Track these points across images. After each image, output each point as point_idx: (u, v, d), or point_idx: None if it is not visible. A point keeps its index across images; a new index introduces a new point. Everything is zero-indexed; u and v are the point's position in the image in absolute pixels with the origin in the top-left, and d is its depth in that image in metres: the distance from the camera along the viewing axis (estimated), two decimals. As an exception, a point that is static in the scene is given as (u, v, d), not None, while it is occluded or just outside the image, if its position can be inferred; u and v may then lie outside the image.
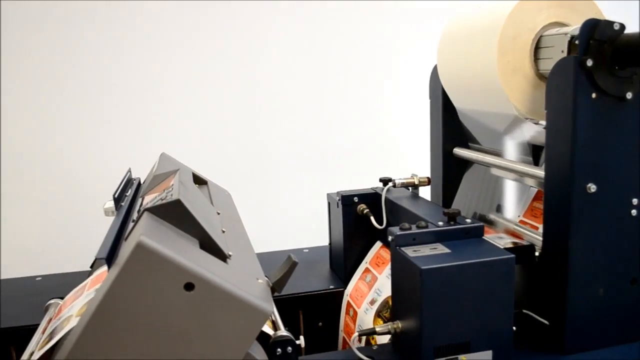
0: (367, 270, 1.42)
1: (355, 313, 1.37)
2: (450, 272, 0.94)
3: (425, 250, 1.00)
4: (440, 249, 1.00)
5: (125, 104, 2.31)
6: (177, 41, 2.32)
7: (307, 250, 1.71)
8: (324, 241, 1.65)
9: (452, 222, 1.07)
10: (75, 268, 1.59)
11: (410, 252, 0.99)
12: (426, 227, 1.05)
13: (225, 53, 2.37)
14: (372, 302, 1.33)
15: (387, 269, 1.35)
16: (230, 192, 1.47)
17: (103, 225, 1.48)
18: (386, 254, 1.39)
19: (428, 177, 1.39)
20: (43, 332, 1.08)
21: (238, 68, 2.39)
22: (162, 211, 0.85)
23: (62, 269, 1.65)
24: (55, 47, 2.23)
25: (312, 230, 1.92)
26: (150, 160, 1.49)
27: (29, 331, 1.17)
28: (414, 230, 1.04)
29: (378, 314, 1.29)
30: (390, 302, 1.27)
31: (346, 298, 1.44)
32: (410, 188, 1.39)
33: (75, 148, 2.28)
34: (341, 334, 1.46)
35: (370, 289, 1.36)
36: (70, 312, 1.03)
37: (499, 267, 0.96)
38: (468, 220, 1.08)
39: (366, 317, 1.32)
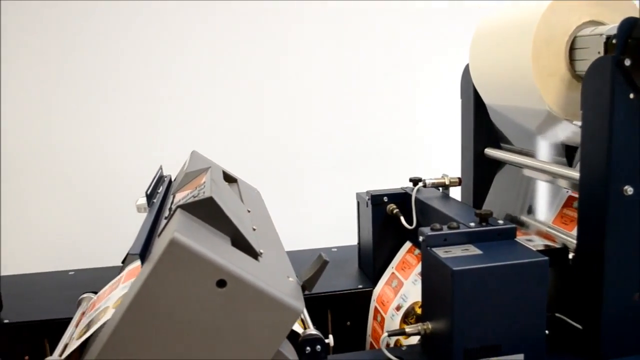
0: (393, 275, 1.41)
1: (383, 319, 1.36)
2: (482, 273, 0.93)
3: (456, 251, 0.99)
4: (472, 250, 0.99)
5: (157, 103, 2.33)
6: (209, 40, 2.34)
7: (335, 250, 1.71)
8: (352, 240, 1.65)
9: (484, 223, 1.06)
10: (107, 263, 1.61)
11: (441, 252, 0.98)
12: (458, 227, 1.04)
13: (257, 52, 2.37)
14: (398, 308, 1.32)
15: (413, 275, 1.34)
16: (259, 191, 1.48)
17: (134, 222, 1.50)
18: (412, 259, 1.39)
19: (459, 178, 1.38)
20: (76, 326, 1.10)
21: (268, 67, 2.39)
22: (194, 208, 0.85)
23: (94, 264, 1.67)
24: (90, 45, 2.26)
25: (340, 230, 1.91)
26: (180, 158, 1.51)
27: (62, 324, 1.19)
28: (445, 230, 1.03)
29: (404, 320, 1.28)
30: (416, 308, 1.26)
31: (373, 303, 1.44)
32: (440, 188, 1.38)
33: (108, 145, 2.31)
34: (369, 339, 1.45)
35: (396, 294, 1.35)
36: (107, 304, 1.04)
37: (532, 270, 0.95)
38: (500, 222, 1.07)
39: (392, 324, 1.31)
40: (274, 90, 2.41)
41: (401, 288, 1.34)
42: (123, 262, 1.47)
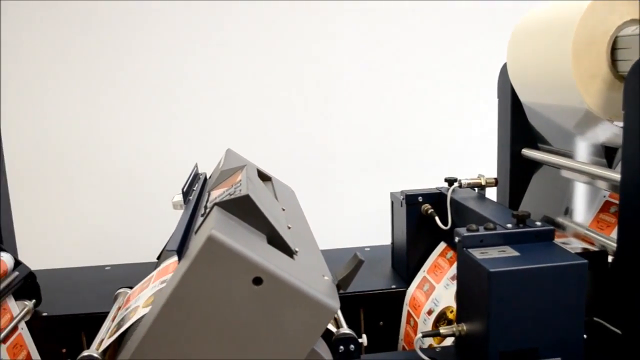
0: (424, 279, 1.41)
1: (416, 323, 1.36)
2: (519, 275, 0.91)
3: (493, 252, 0.98)
4: (509, 251, 0.98)
5: (192, 101, 2.35)
6: (245, 38, 2.35)
7: (368, 249, 1.71)
8: (386, 240, 1.64)
9: (521, 225, 1.04)
10: (142, 259, 1.63)
11: (477, 254, 0.97)
12: (494, 229, 1.03)
13: (291, 51, 2.38)
14: (430, 313, 1.31)
15: (445, 279, 1.33)
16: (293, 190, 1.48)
17: (169, 219, 1.52)
18: (444, 263, 1.37)
19: (495, 178, 1.36)
20: (113, 320, 1.11)
21: (302, 65, 2.39)
22: (231, 206, 0.86)
23: (130, 259, 1.69)
24: (127, 43, 2.30)
25: (373, 229, 1.91)
26: (215, 156, 1.52)
27: (99, 318, 1.21)
28: (482, 231, 1.02)
29: (436, 325, 1.27)
30: (448, 313, 1.25)
31: (406, 307, 1.43)
32: (476, 189, 1.36)
33: (145, 143, 2.35)
34: (401, 343, 1.44)
35: (428, 298, 1.34)
36: (137, 303, 1.05)
37: (570, 273, 0.93)
38: (538, 223, 1.05)
39: (425, 327, 1.31)
40: (308, 89, 2.42)
41: (433, 292, 1.33)
42: (158, 258, 1.49)
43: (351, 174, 2.46)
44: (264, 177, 1.36)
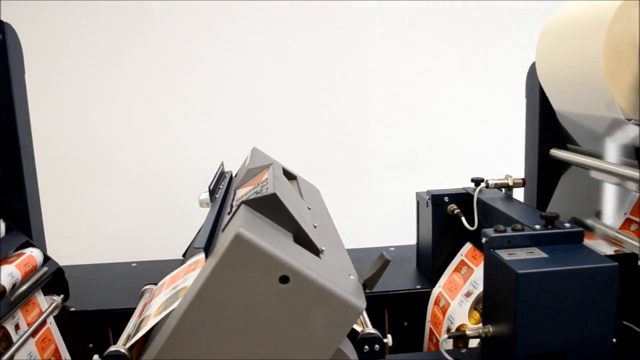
0: (462, 262, 1.39)
1: (447, 304, 1.34)
2: (548, 277, 0.90)
3: (521, 253, 0.96)
4: (537, 253, 0.97)
5: (218, 100, 2.37)
6: (272, 38, 2.36)
7: (393, 249, 1.70)
8: (410, 240, 1.64)
9: (549, 226, 1.03)
10: (168, 256, 1.65)
11: (505, 255, 0.96)
12: (522, 230, 1.01)
13: (316, 50, 2.38)
14: (468, 295, 1.30)
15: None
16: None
17: (194, 216, 1.53)
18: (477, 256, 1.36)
19: (523, 179, 1.34)
20: (139, 316, 1.12)
21: (329, 65, 2.39)
22: (258, 204, 0.86)
23: (156, 256, 1.71)
24: (153, 43, 2.32)
25: (397, 229, 1.90)
26: (240, 154, 1.53)
27: (125, 314, 1.22)
28: (509, 232, 1.01)
29: (474, 307, 1.26)
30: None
31: (438, 289, 1.42)
32: (503, 189, 1.35)
33: (171, 142, 2.37)
34: (428, 325, 1.43)
35: (466, 281, 1.33)
36: (149, 311, 1.06)
37: (600, 275, 0.92)
38: (567, 225, 1.04)
39: (460, 310, 1.29)
40: (334, 89, 2.41)
41: (472, 274, 1.32)
42: (184, 255, 1.50)
43: (376, 174, 2.46)
44: (289, 175, 1.36)
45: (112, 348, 0.91)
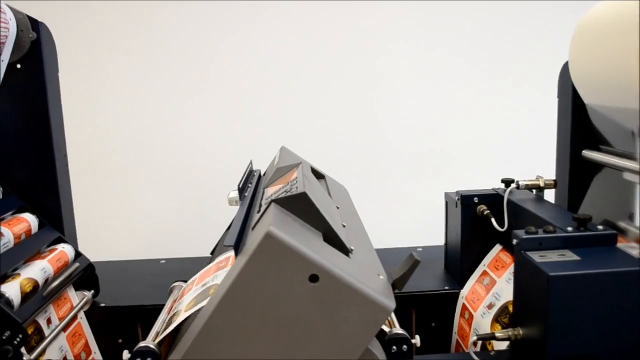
0: (484, 273, 1.38)
1: (471, 316, 1.34)
2: (580, 280, 0.89)
3: (552, 256, 0.95)
4: (569, 255, 0.95)
5: (246, 99, 2.38)
6: (299, 37, 2.36)
7: (420, 249, 1.69)
8: (438, 241, 1.62)
9: (582, 228, 1.02)
10: (196, 254, 1.66)
11: (536, 257, 0.94)
12: (554, 231, 1.00)
13: (346, 51, 2.38)
14: (490, 307, 1.29)
15: (507, 273, 1.30)
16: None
17: (222, 215, 1.54)
18: (506, 258, 1.35)
19: (554, 180, 1.33)
20: (168, 313, 1.13)
21: (358, 64, 2.39)
22: (288, 203, 0.86)
23: (184, 253, 1.72)
24: (182, 43, 2.34)
25: (425, 230, 1.89)
26: (265, 153, 1.53)
27: (154, 310, 1.23)
28: (541, 234, 0.99)
29: (496, 319, 1.25)
30: (510, 308, 1.23)
31: (461, 300, 1.41)
32: (534, 190, 1.33)
33: (200, 140, 2.39)
34: (455, 337, 1.42)
35: (488, 292, 1.32)
36: (180, 307, 1.07)
37: (634, 279, 0.90)
38: (600, 227, 1.02)
39: (483, 321, 1.28)
40: (362, 87, 2.41)
41: (493, 286, 1.31)
42: (212, 253, 1.51)
43: (403, 174, 2.45)
44: (317, 174, 1.36)
45: (142, 344, 0.92)
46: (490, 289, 1.32)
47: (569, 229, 1.02)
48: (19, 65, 1.33)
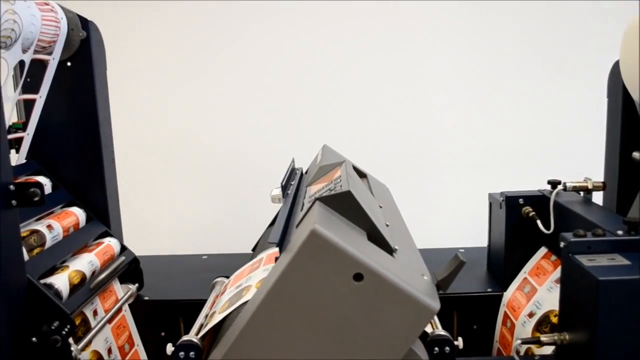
0: (525, 280, 1.36)
1: (513, 325, 1.31)
2: (631, 285, 0.86)
3: (602, 260, 0.93)
4: (619, 260, 0.93)
5: (289, 99, 2.40)
6: (342, 37, 2.36)
7: (462, 251, 1.67)
8: (480, 242, 1.60)
9: (633, 232, 0.99)
10: (238, 250, 1.67)
11: (585, 261, 0.92)
12: (603, 235, 0.98)
13: (386, 49, 2.37)
14: (531, 315, 1.26)
15: (549, 282, 1.28)
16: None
17: (264, 212, 1.55)
18: (547, 265, 1.32)
19: (603, 182, 1.29)
20: (210, 308, 1.15)
21: (399, 64, 2.38)
22: (332, 201, 0.86)
23: (226, 249, 1.74)
24: (230, 45, 2.37)
25: (466, 230, 1.87)
26: (307, 151, 1.53)
27: (196, 305, 1.24)
28: (590, 237, 0.97)
29: (537, 328, 1.23)
30: (551, 317, 1.21)
31: (503, 308, 1.39)
32: (582, 192, 1.30)
33: (242, 139, 2.42)
34: (496, 345, 1.40)
35: (529, 301, 1.29)
36: (248, 282, 1.07)
37: (687, 285, 0.87)
38: (651, 231, 0.99)
39: (524, 330, 1.26)
40: (403, 88, 2.40)
41: (534, 295, 1.29)
42: (253, 249, 1.52)
43: (446, 173, 2.42)
44: (359, 173, 1.35)
45: (185, 337, 0.93)
46: (531, 297, 1.29)
47: (619, 232, 0.99)
48: (69, 63, 1.36)
